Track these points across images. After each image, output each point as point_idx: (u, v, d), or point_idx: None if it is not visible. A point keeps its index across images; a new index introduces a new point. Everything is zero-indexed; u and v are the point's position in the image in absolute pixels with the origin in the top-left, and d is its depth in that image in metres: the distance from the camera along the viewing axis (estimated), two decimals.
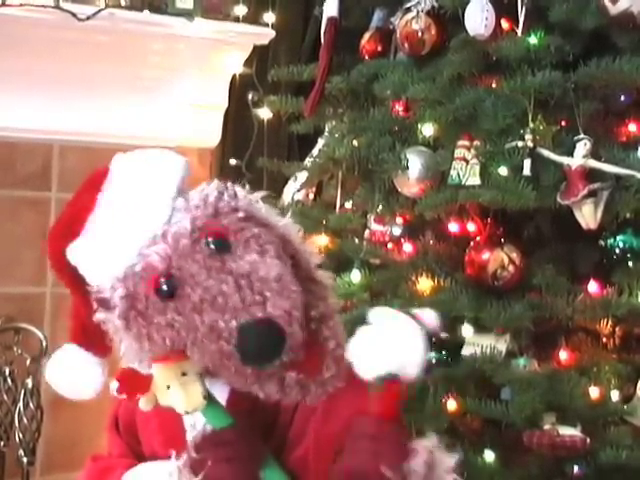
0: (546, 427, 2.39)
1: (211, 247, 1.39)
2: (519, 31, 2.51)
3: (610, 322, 2.53)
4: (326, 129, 3.04)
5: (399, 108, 2.78)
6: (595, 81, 2.48)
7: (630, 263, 2.57)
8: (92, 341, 1.50)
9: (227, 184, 1.47)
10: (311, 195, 3.12)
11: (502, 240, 2.57)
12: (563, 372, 2.45)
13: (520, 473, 2.47)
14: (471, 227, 2.61)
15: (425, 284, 2.57)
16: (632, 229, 2.59)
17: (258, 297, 1.35)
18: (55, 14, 3.02)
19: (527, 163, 2.42)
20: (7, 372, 2.97)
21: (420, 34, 2.69)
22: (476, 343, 2.52)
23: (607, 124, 2.56)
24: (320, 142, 3.09)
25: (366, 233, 2.83)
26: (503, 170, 2.45)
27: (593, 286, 2.48)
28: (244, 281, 1.36)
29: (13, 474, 3.00)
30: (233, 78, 3.54)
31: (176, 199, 1.43)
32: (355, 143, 2.72)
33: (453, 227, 2.64)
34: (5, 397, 2.98)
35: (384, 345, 1.42)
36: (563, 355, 2.50)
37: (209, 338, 1.36)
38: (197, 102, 3.45)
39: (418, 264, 2.64)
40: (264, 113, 3.56)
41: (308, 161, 3.05)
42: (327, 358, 1.43)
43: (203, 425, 1.47)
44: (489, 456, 2.48)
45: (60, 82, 3.20)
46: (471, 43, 2.57)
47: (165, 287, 1.38)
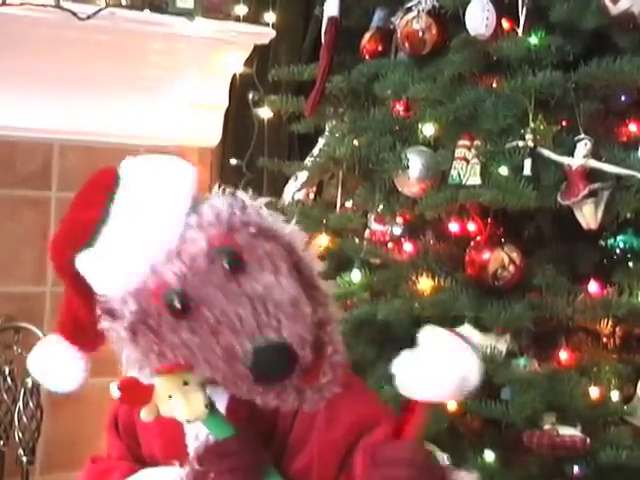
0: (546, 427, 2.39)
1: (226, 267, 1.39)
2: (520, 31, 2.51)
3: (610, 322, 2.53)
4: (326, 129, 3.04)
5: (400, 108, 2.77)
6: (596, 81, 2.47)
7: (630, 263, 2.56)
8: (80, 336, 1.50)
9: (235, 195, 1.46)
10: (311, 195, 3.12)
11: (502, 240, 2.56)
12: (563, 372, 2.45)
13: (520, 473, 2.47)
14: (471, 227, 2.61)
15: (425, 284, 2.57)
16: (632, 229, 2.59)
17: (274, 322, 1.37)
18: (55, 13, 3.02)
19: (527, 163, 2.42)
20: (7, 371, 2.98)
21: (421, 34, 2.68)
22: None
23: (608, 124, 2.56)
24: (320, 142, 3.09)
25: (366, 233, 2.83)
26: (503, 170, 2.45)
27: (593, 286, 2.48)
28: (260, 304, 1.37)
29: (13, 473, 3.01)
30: (233, 78, 3.55)
31: (189, 215, 1.43)
32: (356, 143, 2.72)
33: (453, 227, 2.64)
34: (5, 396, 2.98)
35: (445, 371, 1.41)
36: (563, 355, 2.50)
37: (224, 359, 1.37)
38: (197, 101, 3.45)
39: (418, 264, 2.63)
40: (264, 113, 3.56)
41: (308, 161, 3.05)
42: (324, 364, 1.43)
43: (206, 436, 1.46)
44: (489, 456, 2.48)
45: (60, 81, 3.20)
46: (472, 43, 2.57)
47: (178, 304, 1.38)
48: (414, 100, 2.71)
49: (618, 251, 2.60)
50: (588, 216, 2.41)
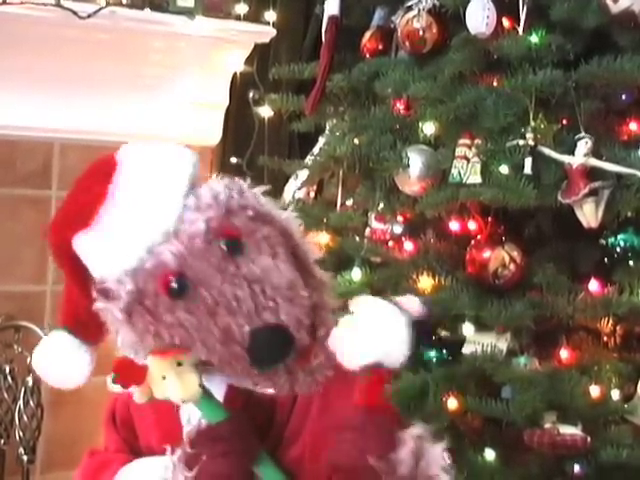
0: (547, 426, 2.39)
1: (224, 249, 1.39)
2: (520, 30, 2.51)
3: (611, 321, 2.53)
4: (327, 127, 3.04)
5: (400, 106, 2.77)
6: (596, 80, 2.47)
7: (631, 262, 2.56)
8: (83, 328, 1.50)
9: (233, 180, 1.47)
10: (312, 193, 3.12)
11: (503, 239, 2.57)
12: (564, 371, 2.45)
13: (521, 472, 2.47)
14: (472, 225, 2.61)
15: (426, 282, 2.57)
16: (633, 228, 2.58)
17: (271, 303, 1.38)
18: (56, 12, 3.02)
19: (528, 162, 2.42)
20: (7, 370, 2.98)
21: (421, 32, 2.68)
22: (477, 342, 2.52)
23: (608, 123, 2.56)
24: (321, 140, 3.09)
25: (367, 231, 2.83)
26: (504, 169, 2.45)
27: (594, 285, 2.48)
28: (257, 286, 1.38)
29: (13, 472, 3.01)
30: (234, 76, 3.54)
31: (187, 196, 1.43)
32: (356, 141, 2.72)
33: (454, 225, 2.63)
34: (5, 395, 2.98)
35: (368, 334, 1.42)
36: (564, 354, 2.50)
37: (221, 340, 1.37)
38: (198, 100, 3.45)
39: (419, 262, 2.63)
40: (265, 111, 3.56)
41: (309, 159, 3.05)
42: (315, 346, 1.43)
43: (198, 420, 1.46)
44: (490, 455, 2.48)
45: (61, 80, 3.20)
46: (472, 42, 2.57)
47: (176, 285, 1.38)
48: (414, 99, 2.71)
49: (619, 250, 2.60)
50: (589, 215, 2.41)
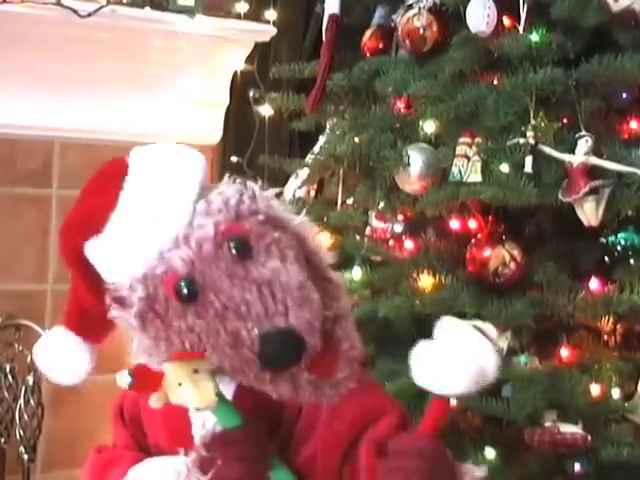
0: (547, 424, 2.39)
1: (233, 252, 1.39)
2: (521, 28, 2.51)
3: (611, 319, 2.53)
4: (327, 126, 3.04)
5: (400, 105, 2.77)
6: (597, 78, 2.47)
7: (631, 260, 2.57)
8: (86, 327, 1.50)
9: (246, 184, 1.47)
10: (312, 192, 3.12)
11: (503, 237, 2.57)
12: (564, 369, 2.45)
13: (521, 471, 2.47)
14: (472, 224, 2.61)
15: (426, 281, 2.57)
16: (633, 226, 2.59)
17: (281, 307, 1.36)
18: (56, 11, 3.02)
19: (528, 160, 2.42)
20: (8, 369, 2.98)
21: (421, 31, 2.68)
22: None
23: (609, 121, 2.56)
24: (321, 139, 3.09)
25: (367, 230, 2.83)
26: (504, 167, 2.45)
27: (594, 283, 2.48)
28: (266, 289, 1.37)
29: (14, 471, 3.01)
30: (234, 75, 3.54)
31: (197, 202, 1.43)
32: (356, 140, 2.72)
33: (454, 224, 2.64)
34: (6, 394, 2.98)
35: (463, 365, 1.41)
36: (564, 352, 2.50)
37: (231, 345, 1.37)
38: (198, 99, 3.45)
39: (419, 261, 2.63)
40: (265, 110, 3.56)
41: (309, 158, 3.05)
42: (341, 359, 1.43)
43: (213, 424, 1.46)
44: (490, 453, 2.48)
45: (61, 79, 3.19)
46: (473, 40, 2.57)
47: (186, 291, 1.38)
48: (415, 97, 2.71)
49: (619, 248, 2.60)
50: (589, 213, 2.41)
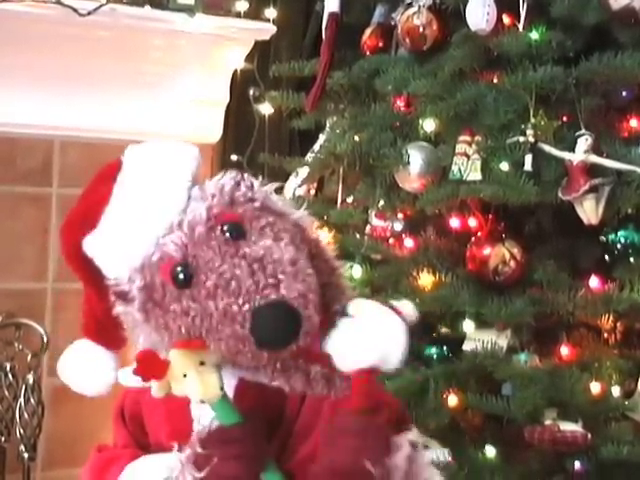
0: (547, 423, 2.39)
1: (226, 234, 1.39)
2: (520, 26, 2.51)
3: (611, 317, 2.54)
4: (327, 124, 3.04)
5: (400, 103, 2.78)
6: (597, 76, 2.48)
7: (631, 259, 2.57)
8: (105, 335, 1.50)
9: (244, 175, 1.47)
10: (312, 190, 3.12)
11: (503, 235, 2.57)
12: (564, 368, 2.46)
13: (521, 469, 2.48)
14: (472, 222, 2.61)
15: (426, 279, 2.57)
16: (633, 224, 2.59)
17: (272, 280, 1.35)
18: (56, 9, 3.01)
19: (528, 158, 2.42)
20: (8, 368, 2.97)
21: (421, 29, 2.69)
22: (477, 338, 2.52)
23: (608, 119, 2.56)
24: (321, 137, 3.09)
25: (367, 228, 2.83)
26: (504, 165, 2.46)
27: (594, 281, 2.49)
28: (257, 265, 1.36)
29: (14, 470, 3.00)
30: (234, 74, 3.54)
31: (191, 188, 1.43)
32: (356, 138, 2.73)
33: (454, 222, 2.64)
34: (6, 393, 2.98)
35: (367, 338, 1.41)
36: (564, 351, 2.50)
37: (223, 323, 1.36)
38: (198, 98, 3.45)
39: (419, 259, 2.64)
40: (265, 109, 3.55)
41: (309, 156, 3.05)
42: None
43: (210, 420, 1.46)
44: (490, 452, 2.48)
45: (61, 78, 3.19)
46: (472, 38, 2.57)
47: (181, 275, 1.38)
48: (415, 96, 2.71)
49: (619, 246, 2.60)
50: (589, 211, 2.41)
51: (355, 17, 2.99)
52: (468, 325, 2.54)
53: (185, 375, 1.39)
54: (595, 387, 2.42)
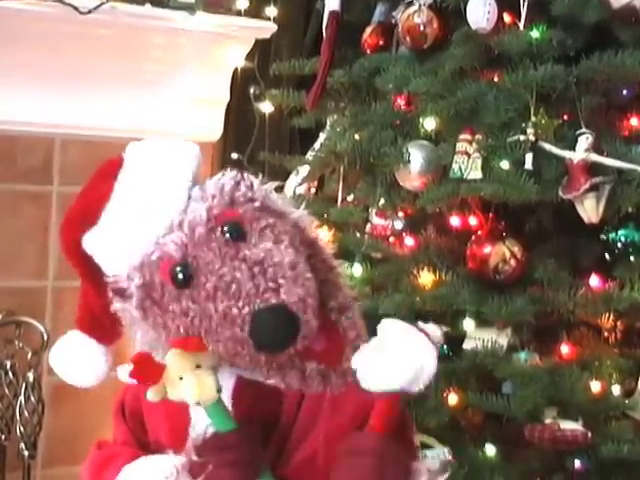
0: (547, 421, 2.39)
1: (226, 235, 1.39)
2: (521, 25, 2.51)
3: (612, 316, 2.54)
4: (328, 123, 3.04)
5: (401, 102, 2.78)
6: (597, 75, 2.48)
7: (632, 257, 2.57)
8: (99, 329, 1.50)
9: (244, 174, 1.47)
10: (313, 189, 3.12)
11: (504, 234, 2.57)
12: (564, 366, 2.46)
13: (521, 467, 2.48)
14: (473, 221, 2.61)
15: (426, 278, 2.57)
16: (634, 223, 2.59)
17: (272, 284, 1.35)
18: (56, 8, 3.01)
19: (529, 157, 2.42)
20: (8, 366, 2.97)
21: (422, 28, 2.69)
22: (477, 337, 2.52)
23: (609, 118, 2.56)
24: (322, 136, 3.09)
25: (368, 227, 2.83)
26: (505, 164, 2.46)
27: (595, 280, 2.49)
28: (258, 268, 1.36)
29: (14, 468, 3.01)
30: (235, 72, 3.54)
31: (192, 188, 1.43)
32: (357, 137, 2.73)
33: (455, 221, 2.64)
34: (6, 391, 2.98)
35: (397, 360, 1.41)
36: (564, 349, 2.50)
37: (222, 325, 1.36)
38: (199, 96, 3.45)
39: (419, 258, 2.64)
40: (266, 107, 3.55)
41: (310, 155, 3.05)
42: (347, 348, 1.42)
43: (205, 427, 1.46)
44: (490, 450, 2.48)
45: (61, 76, 3.19)
46: (473, 37, 2.57)
47: (181, 275, 1.38)
48: (415, 94, 2.71)
49: (619, 245, 2.60)
50: (589, 210, 2.41)
51: (356, 15, 2.99)
52: (468, 324, 2.54)
53: (181, 378, 1.38)
54: (595, 386, 2.42)
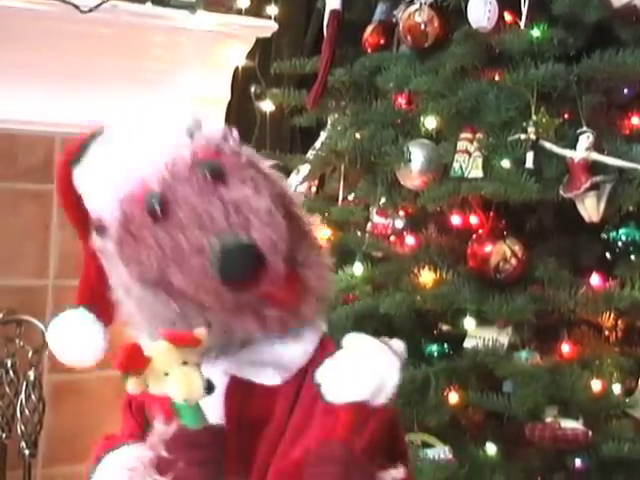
0: (548, 420, 2.40)
1: (206, 173, 1.40)
2: (522, 24, 2.52)
3: (612, 315, 2.54)
4: (329, 122, 3.04)
5: (402, 101, 2.78)
6: (598, 74, 2.48)
7: (632, 256, 2.57)
8: (98, 304, 1.51)
9: (232, 130, 1.49)
10: (314, 188, 3.12)
11: (504, 233, 2.57)
12: (565, 365, 2.46)
13: (522, 466, 2.48)
14: (473, 220, 2.61)
15: (427, 277, 2.57)
16: (634, 222, 2.59)
17: (244, 222, 1.37)
18: (57, 6, 3.01)
19: (530, 156, 2.42)
20: (9, 364, 2.97)
21: (423, 27, 2.69)
22: (478, 336, 2.53)
23: (610, 117, 2.56)
24: (322, 135, 3.09)
25: (368, 226, 2.83)
26: (506, 163, 2.46)
27: (595, 279, 2.49)
28: (233, 208, 1.38)
29: (15, 466, 3.01)
30: (236, 71, 3.54)
31: (180, 135, 1.46)
32: (357, 136, 2.73)
33: (455, 220, 2.64)
34: (7, 389, 2.98)
35: (360, 372, 1.41)
36: (565, 348, 2.50)
37: (191, 255, 1.37)
38: (199, 95, 3.44)
39: (420, 257, 2.64)
40: (266, 106, 3.55)
41: (310, 154, 3.05)
42: (308, 295, 1.43)
43: (173, 422, 1.44)
44: (491, 449, 2.48)
45: (62, 74, 3.19)
46: (474, 36, 2.57)
47: (156, 205, 1.39)
48: (416, 93, 2.71)
49: (620, 244, 2.60)
50: (590, 209, 2.41)
51: (356, 14, 2.99)
52: (469, 322, 2.54)
53: (166, 374, 1.38)
54: (596, 385, 2.43)
